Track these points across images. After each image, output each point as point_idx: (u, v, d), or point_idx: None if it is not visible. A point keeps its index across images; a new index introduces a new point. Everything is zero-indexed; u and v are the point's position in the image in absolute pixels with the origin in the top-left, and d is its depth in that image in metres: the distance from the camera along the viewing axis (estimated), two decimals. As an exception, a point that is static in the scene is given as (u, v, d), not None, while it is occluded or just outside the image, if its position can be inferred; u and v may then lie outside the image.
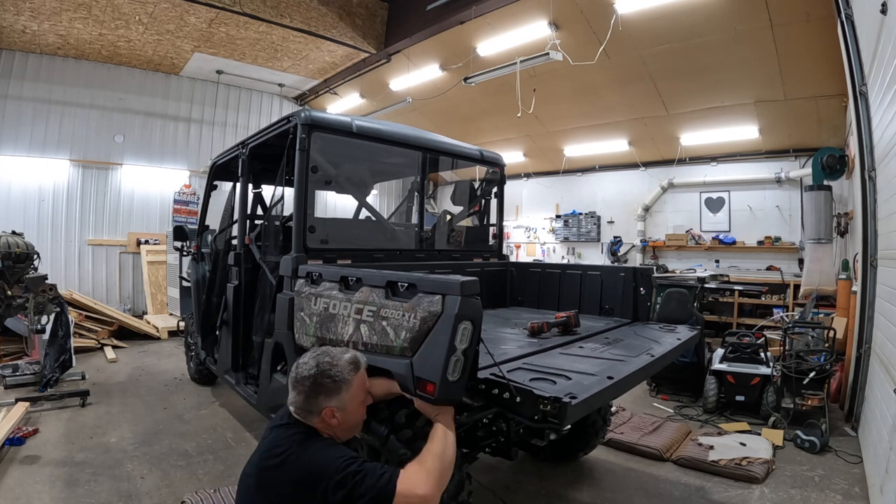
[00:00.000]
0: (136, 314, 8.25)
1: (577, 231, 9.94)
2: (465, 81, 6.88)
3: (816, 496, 3.12)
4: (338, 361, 1.60)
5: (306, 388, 1.55)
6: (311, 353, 1.66)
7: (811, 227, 6.12)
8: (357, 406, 1.63)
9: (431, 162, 4.08)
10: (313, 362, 1.59)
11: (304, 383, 1.56)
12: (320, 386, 1.55)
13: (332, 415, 1.55)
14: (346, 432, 1.65)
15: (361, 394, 1.65)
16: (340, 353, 1.64)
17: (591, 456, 3.63)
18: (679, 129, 7.75)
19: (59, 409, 4.28)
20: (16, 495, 2.86)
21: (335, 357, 1.61)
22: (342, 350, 1.68)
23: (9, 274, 4.69)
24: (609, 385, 1.85)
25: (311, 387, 1.55)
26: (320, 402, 1.55)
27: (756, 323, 6.71)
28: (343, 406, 1.57)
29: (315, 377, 1.56)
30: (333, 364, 1.58)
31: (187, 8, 6.40)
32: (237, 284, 3.53)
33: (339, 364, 1.59)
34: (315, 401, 1.55)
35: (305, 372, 1.57)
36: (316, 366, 1.57)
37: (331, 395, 1.55)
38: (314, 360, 1.59)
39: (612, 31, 5.57)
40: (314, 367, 1.57)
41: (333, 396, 1.55)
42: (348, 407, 1.58)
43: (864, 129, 3.80)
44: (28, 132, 7.63)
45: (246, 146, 3.59)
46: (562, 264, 5.69)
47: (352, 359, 1.64)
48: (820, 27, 4.93)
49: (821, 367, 4.10)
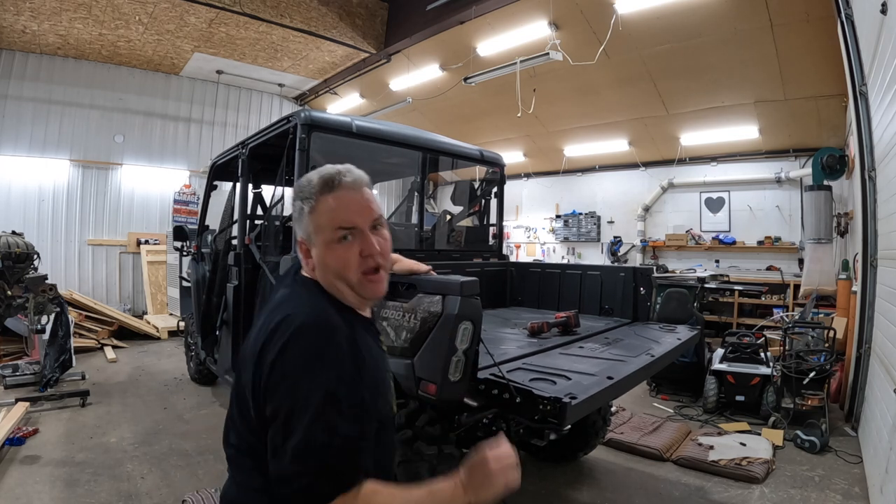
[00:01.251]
0: (136, 314, 8.25)
1: (577, 231, 9.94)
2: (465, 81, 6.88)
3: (816, 496, 3.12)
4: (313, 175, 1.09)
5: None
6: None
7: (811, 227, 6.12)
8: (324, 245, 1.06)
9: (431, 162, 4.08)
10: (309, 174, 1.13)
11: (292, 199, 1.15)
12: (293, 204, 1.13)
13: (303, 249, 1.11)
14: (334, 284, 1.09)
15: (329, 228, 1.05)
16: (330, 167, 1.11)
17: (591, 456, 3.63)
18: (679, 129, 7.75)
19: (59, 409, 4.28)
20: (16, 495, 2.86)
21: (319, 171, 1.10)
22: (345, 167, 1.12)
23: (9, 274, 4.70)
24: (609, 385, 1.85)
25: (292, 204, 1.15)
26: (296, 230, 1.13)
27: (756, 323, 6.71)
28: (309, 238, 1.09)
29: (294, 191, 1.16)
30: (309, 178, 1.10)
31: (187, 8, 6.40)
32: (237, 284, 3.53)
33: (310, 178, 1.09)
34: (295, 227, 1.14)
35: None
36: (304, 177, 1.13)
37: (297, 221, 1.11)
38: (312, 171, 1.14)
39: (612, 31, 5.57)
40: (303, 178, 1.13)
41: (299, 223, 1.10)
42: (315, 241, 1.07)
43: (864, 129, 3.80)
44: (28, 132, 7.63)
45: (246, 146, 3.59)
46: (562, 264, 5.69)
47: (326, 176, 1.07)
48: (820, 27, 4.93)
49: (821, 367, 4.10)
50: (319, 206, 1.06)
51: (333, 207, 1.06)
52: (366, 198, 1.10)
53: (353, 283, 1.08)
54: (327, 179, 1.07)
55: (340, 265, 1.06)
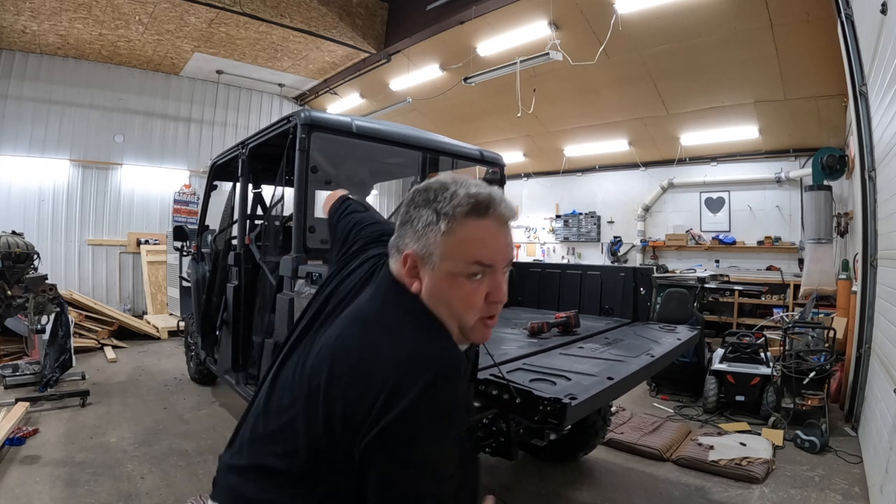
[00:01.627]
0: (136, 314, 8.25)
1: (577, 231, 9.94)
2: (465, 81, 6.88)
3: (816, 496, 3.12)
4: (458, 189, 0.90)
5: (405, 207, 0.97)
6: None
7: (811, 227, 6.13)
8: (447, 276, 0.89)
9: (431, 162, 4.07)
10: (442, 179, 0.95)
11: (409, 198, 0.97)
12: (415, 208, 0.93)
13: (410, 264, 0.92)
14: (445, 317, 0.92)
15: (464, 261, 0.88)
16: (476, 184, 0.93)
17: (591, 456, 3.63)
18: (679, 129, 7.75)
19: (59, 409, 4.27)
20: (16, 495, 2.86)
21: (462, 184, 0.92)
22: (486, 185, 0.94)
23: (9, 274, 4.69)
24: (609, 385, 1.85)
25: (408, 204, 0.96)
26: (405, 235, 0.94)
27: (756, 323, 6.71)
28: (429, 258, 0.90)
29: (419, 192, 0.95)
30: (447, 189, 0.91)
31: (187, 8, 6.40)
32: (237, 284, 3.52)
33: (455, 191, 0.90)
34: (403, 230, 0.95)
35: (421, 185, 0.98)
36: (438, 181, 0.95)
37: (417, 232, 0.91)
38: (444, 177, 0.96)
39: (612, 31, 5.57)
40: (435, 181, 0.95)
41: (420, 235, 0.90)
42: (438, 266, 0.89)
43: (864, 129, 3.80)
44: (28, 132, 7.62)
45: (246, 146, 3.59)
46: (562, 264, 5.70)
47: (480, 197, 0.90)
48: (820, 27, 4.93)
49: (821, 367, 4.10)
50: (461, 231, 0.88)
51: (478, 238, 0.89)
52: (511, 235, 0.95)
53: (468, 326, 0.92)
54: (481, 202, 0.89)
55: (463, 305, 0.90)
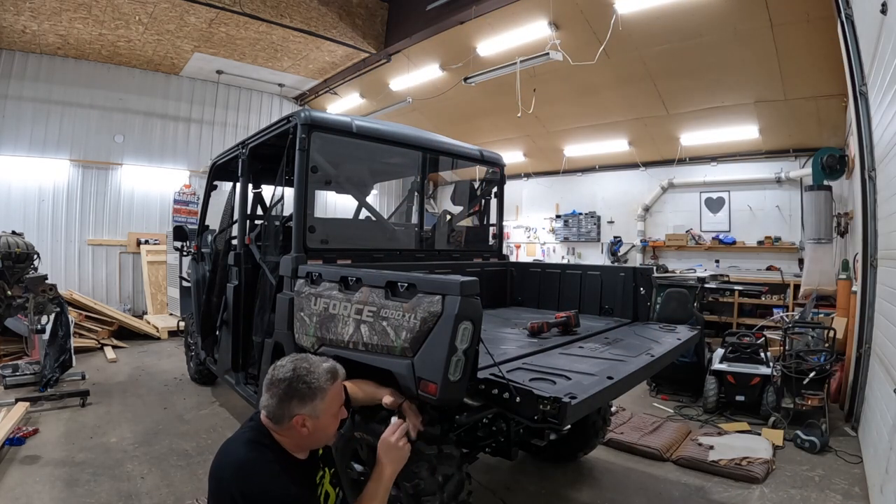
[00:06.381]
0: (136, 314, 8.26)
1: (577, 231, 9.94)
2: (465, 81, 6.88)
3: (816, 496, 3.12)
4: (315, 368, 1.54)
5: (280, 392, 1.49)
6: (290, 357, 1.60)
7: (811, 227, 6.12)
8: (330, 417, 1.56)
9: (431, 162, 4.08)
10: (290, 366, 1.53)
11: (278, 386, 1.50)
12: (294, 391, 1.49)
13: (302, 423, 1.50)
14: (315, 443, 1.60)
15: (336, 405, 1.58)
16: (319, 361, 1.58)
17: (591, 456, 3.63)
18: (679, 129, 7.75)
19: (59, 409, 4.28)
20: (16, 495, 2.86)
21: (313, 364, 1.55)
22: (321, 358, 1.62)
23: (9, 274, 4.69)
24: (609, 385, 1.85)
25: (284, 391, 1.49)
26: (293, 407, 1.49)
27: (756, 323, 6.71)
28: (316, 415, 1.51)
29: (290, 381, 1.50)
30: (311, 371, 1.52)
31: (187, 8, 6.40)
32: (237, 284, 3.53)
33: (317, 371, 1.53)
34: (288, 406, 1.49)
35: (281, 375, 1.52)
36: (293, 370, 1.51)
37: (304, 402, 1.49)
38: (291, 364, 1.54)
39: (612, 31, 5.57)
40: (290, 370, 1.51)
41: (307, 403, 1.49)
42: (321, 417, 1.52)
43: (864, 129, 3.80)
44: (28, 132, 7.63)
45: (246, 146, 3.59)
46: (562, 264, 5.69)
47: (330, 368, 1.58)
48: (820, 27, 4.93)
49: (821, 367, 4.10)
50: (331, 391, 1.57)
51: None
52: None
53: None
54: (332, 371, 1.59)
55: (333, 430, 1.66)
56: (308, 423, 1.50)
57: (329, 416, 1.55)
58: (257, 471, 1.44)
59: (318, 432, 1.54)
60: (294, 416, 1.49)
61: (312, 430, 1.52)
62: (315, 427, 1.52)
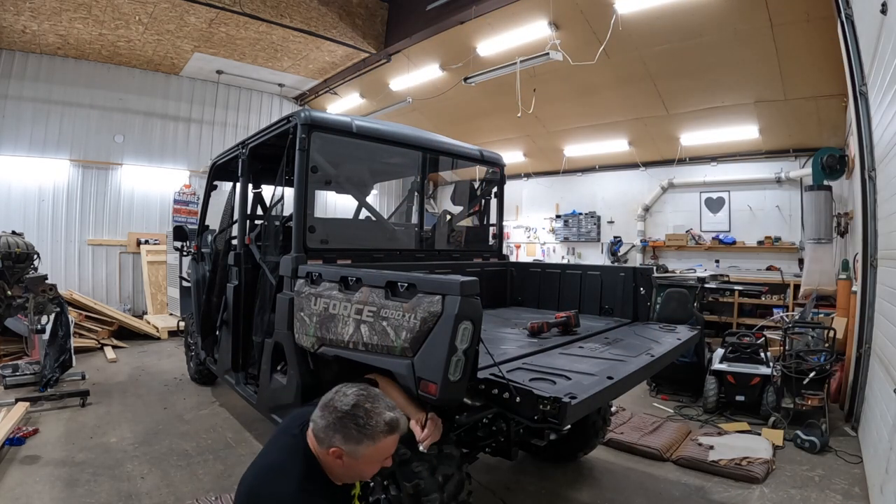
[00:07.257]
0: (136, 314, 8.26)
1: (577, 231, 9.94)
2: (465, 81, 6.88)
3: (816, 496, 3.12)
4: (375, 415, 1.42)
5: (330, 419, 1.42)
6: (359, 387, 1.50)
7: (811, 227, 6.12)
8: (370, 464, 1.47)
9: (431, 162, 4.08)
10: (352, 399, 1.44)
11: (332, 413, 1.42)
12: (343, 427, 1.41)
13: (338, 455, 1.42)
14: (347, 478, 1.52)
15: (381, 456, 1.47)
16: (384, 408, 1.45)
17: (591, 456, 3.63)
18: (679, 129, 7.75)
19: (59, 409, 4.28)
20: (16, 495, 2.86)
21: (377, 407, 1.44)
22: (388, 404, 1.49)
23: (9, 274, 4.69)
24: (609, 385, 1.85)
25: (334, 421, 1.41)
26: (335, 439, 1.41)
27: (756, 323, 6.71)
28: (355, 457, 1.42)
29: (343, 416, 1.41)
30: (370, 414, 1.42)
31: (187, 8, 6.40)
32: (237, 284, 3.53)
33: (376, 419, 1.42)
34: (332, 436, 1.41)
35: (339, 404, 1.43)
36: (352, 405, 1.42)
37: (348, 441, 1.40)
38: (354, 398, 1.44)
39: (612, 31, 5.57)
40: (350, 405, 1.42)
41: (351, 443, 1.40)
42: (361, 461, 1.43)
43: (864, 129, 3.80)
44: (28, 132, 7.63)
45: (246, 146, 3.59)
46: (562, 264, 5.69)
47: (392, 420, 1.45)
48: (820, 27, 4.93)
49: (821, 367, 4.10)
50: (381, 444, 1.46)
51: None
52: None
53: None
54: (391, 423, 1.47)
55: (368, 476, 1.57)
56: (345, 459, 1.43)
57: (369, 463, 1.46)
58: (293, 488, 1.39)
59: (352, 471, 1.47)
60: (333, 447, 1.42)
61: (347, 466, 1.44)
62: (351, 465, 1.44)
